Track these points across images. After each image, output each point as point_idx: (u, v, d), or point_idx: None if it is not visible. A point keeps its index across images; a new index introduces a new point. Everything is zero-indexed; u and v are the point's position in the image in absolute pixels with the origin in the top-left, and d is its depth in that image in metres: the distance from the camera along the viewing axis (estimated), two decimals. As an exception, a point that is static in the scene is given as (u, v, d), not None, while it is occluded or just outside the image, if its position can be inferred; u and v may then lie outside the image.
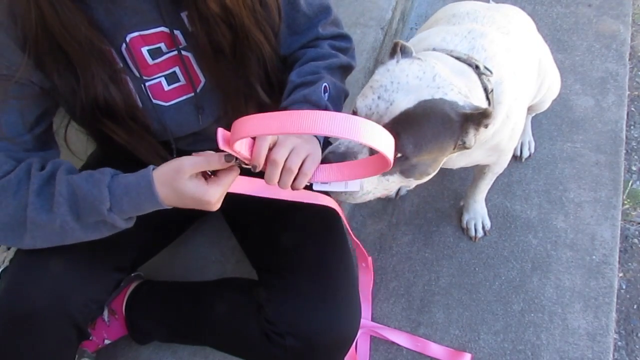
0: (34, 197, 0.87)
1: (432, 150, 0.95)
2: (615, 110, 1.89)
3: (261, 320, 1.05)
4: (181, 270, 1.44)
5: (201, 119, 1.07)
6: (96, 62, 0.92)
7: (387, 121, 0.92)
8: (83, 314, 1.02)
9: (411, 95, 0.92)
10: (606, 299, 1.47)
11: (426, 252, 1.59)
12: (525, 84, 1.23)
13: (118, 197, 0.86)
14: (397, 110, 0.92)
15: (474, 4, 1.33)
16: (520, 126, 1.23)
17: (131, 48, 0.96)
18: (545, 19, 2.22)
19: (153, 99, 1.01)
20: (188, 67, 1.02)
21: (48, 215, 0.87)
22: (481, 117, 0.93)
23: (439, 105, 0.92)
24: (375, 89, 0.95)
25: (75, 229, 0.88)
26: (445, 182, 1.73)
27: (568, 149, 1.80)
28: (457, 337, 1.43)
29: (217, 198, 0.86)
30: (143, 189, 0.85)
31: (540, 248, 1.58)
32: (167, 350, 1.31)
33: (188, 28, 0.98)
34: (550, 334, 1.42)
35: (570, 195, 1.69)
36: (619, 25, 2.18)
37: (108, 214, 0.86)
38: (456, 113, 0.93)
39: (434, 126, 0.92)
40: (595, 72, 2.01)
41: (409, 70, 0.95)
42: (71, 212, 0.87)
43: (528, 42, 1.32)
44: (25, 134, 0.94)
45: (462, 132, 0.95)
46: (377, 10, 1.93)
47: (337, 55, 1.13)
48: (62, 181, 0.88)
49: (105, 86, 0.94)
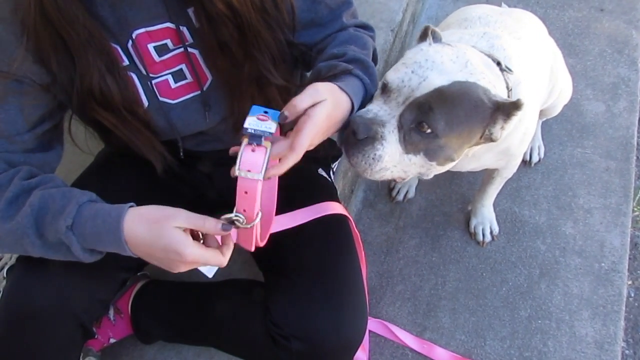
0: (5, 204, 0.86)
1: (461, 132, 0.92)
2: (627, 116, 1.88)
3: (267, 323, 1.04)
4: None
5: (208, 117, 1.06)
6: (93, 51, 0.91)
7: (419, 95, 0.90)
8: (88, 313, 1.02)
9: (445, 75, 0.90)
10: (614, 307, 1.46)
11: (433, 256, 1.58)
12: (537, 89, 1.22)
13: (84, 218, 0.83)
14: (431, 86, 0.90)
15: (486, 7, 1.32)
16: (532, 131, 1.22)
17: (137, 44, 0.96)
18: (557, 22, 2.20)
19: (160, 96, 1.01)
20: (195, 64, 1.01)
21: (10, 224, 0.85)
22: (512, 108, 0.91)
23: (472, 88, 0.91)
24: (409, 65, 0.93)
25: (36, 245, 0.85)
26: (453, 186, 1.72)
27: (578, 155, 1.78)
28: (463, 342, 1.42)
29: (190, 260, 0.81)
30: (111, 219, 0.82)
31: (548, 254, 1.57)
32: (171, 350, 1.31)
33: (195, 24, 0.98)
34: (557, 341, 1.41)
35: (579, 201, 1.67)
36: (632, 30, 2.16)
37: (66, 232, 0.82)
38: (489, 99, 0.91)
39: (467, 107, 0.90)
40: (606, 77, 2.00)
41: (442, 52, 0.94)
42: (35, 225, 0.84)
43: (540, 48, 1.31)
44: (26, 133, 0.93)
45: (492, 121, 0.93)
46: (387, 12, 1.92)
47: (369, 39, 1.10)
48: (38, 194, 0.86)
49: (101, 76, 0.92)
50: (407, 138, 0.92)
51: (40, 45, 0.88)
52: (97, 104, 0.95)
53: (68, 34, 0.88)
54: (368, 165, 0.92)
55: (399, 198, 1.69)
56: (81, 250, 0.84)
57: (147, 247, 0.82)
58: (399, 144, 0.92)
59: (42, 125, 0.96)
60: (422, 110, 0.89)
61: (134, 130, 1.00)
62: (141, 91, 0.99)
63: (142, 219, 0.82)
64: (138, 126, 1.00)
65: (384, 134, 0.91)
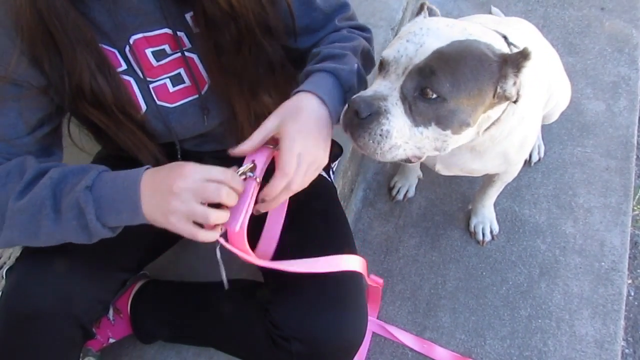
0: (24, 185, 0.86)
1: (471, 91, 0.86)
2: (627, 115, 1.87)
3: (267, 324, 1.04)
4: (186, 270, 1.44)
5: (207, 121, 1.06)
6: (82, 48, 0.90)
7: (418, 62, 0.85)
8: (88, 313, 1.02)
9: (442, 38, 0.86)
10: (615, 306, 1.46)
11: (433, 255, 1.58)
12: (538, 96, 1.22)
13: (104, 181, 0.84)
14: (428, 50, 0.85)
15: (485, 17, 1.31)
16: (532, 139, 1.21)
17: (135, 49, 0.96)
18: (557, 21, 2.20)
19: (158, 100, 1.01)
20: (192, 68, 1.01)
21: (29, 196, 0.84)
22: (521, 58, 0.86)
23: (474, 44, 0.86)
24: (403, 36, 0.90)
25: (50, 218, 0.84)
26: (453, 185, 1.72)
27: (578, 154, 1.78)
28: (463, 341, 1.41)
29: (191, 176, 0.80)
30: (131, 177, 0.83)
31: (548, 253, 1.56)
32: (171, 350, 1.31)
33: (192, 29, 0.98)
34: (557, 340, 1.41)
35: (579, 200, 1.67)
36: (632, 29, 2.16)
37: (84, 191, 0.82)
38: (493, 53, 0.87)
39: (471, 64, 0.85)
40: (606, 76, 1.99)
41: (438, 20, 0.91)
42: (53, 196, 0.84)
43: (540, 57, 1.30)
44: (25, 136, 0.93)
45: (501, 76, 0.88)
46: (387, 11, 1.92)
47: (359, 38, 1.09)
48: (58, 169, 0.87)
49: (91, 75, 0.92)
50: (413, 108, 0.86)
51: (33, 44, 0.88)
52: (88, 103, 0.95)
53: (56, 29, 0.87)
54: (377, 144, 0.86)
55: (399, 197, 1.69)
56: (95, 216, 0.83)
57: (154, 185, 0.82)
58: (406, 116, 0.87)
59: (41, 128, 0.96)
60: (424, 75, 0.85)
61: (126, 131, 1.00)
62: (139, 95, 0.99)
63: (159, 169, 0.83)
64: (131, 127, 1.00)
65: (387, 108, 0.86)
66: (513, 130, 1.10)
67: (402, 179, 1.69)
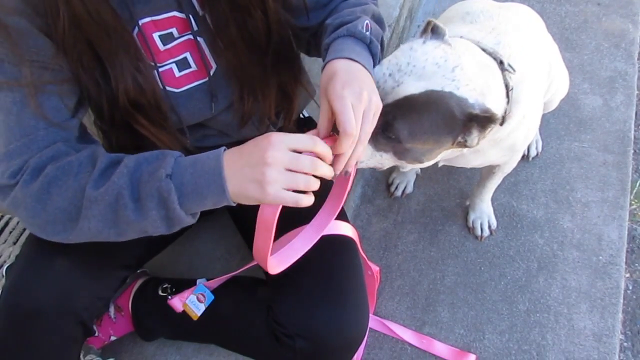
0: (98, 174, 0.83)
1: (427, 141, 0.94)
2: (624, 110, 1.88)
3: (269, 321, 1.05)
4: (186, 267, 1.44)
5: (214, 106, 1.06)
6: (123, 52, 0.90)
7: (389, 102, 0.92)
8: (89, 311, 1.02)
9: (422, 82, 0.91)
10: (612, 299, 1.47)
11: (431, 250, 1.59)
12: (539, 85, 1.22)
13: (182, 167, 0.81)
14: (402, 93, 0.91)
15: (486, 2, 1.32)
16: (536, 126, 1.22)
17: (144, 33, 0.95)
18: (554, 17, 2.21)
19: (165, 85, 1.01)
20: (201, 51, 1.01)
21: (106, 186, 0.81)
22: (487, 121, 0.91)
23: (445, 98, 0.91)
24: (391, 65, 0.94)
25: (129, 207, 0.81)
26: (451, 180, 1.73)
27: (575, 149, 1.79)
28: (462, 336, 1.42)
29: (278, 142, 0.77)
30: (210, 159, 0.80)
31: (546, 248, 1.57)
32: (172, 346, 1.31)
33: (199, 12, 0.97)
34: (555, 334, 1.41)
35: (577, 195, 1.68)
36: (628, 24, 2.16)
37: (165, 179, 0.79)
38: (461, 111, 0.91)
39: (433, 118, 0.92)
40: (603, 72, 2.00)
41: (431, 54, 0.93)
42: (131, 185, 0.81)
43: (540, 42, 1.31)
44: (70, 119, 0.90)
45: (465, 130, 0.93)
46: (384, 7, 1.92)
47: (368, 2, 1.09)
48: (133, 157, 0.84)
49: (133, 77, 0.91)
50: (376, 138, 0.95)
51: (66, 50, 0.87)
52: (132, 107, 0.94)
53: (99, 38, 0.87)
54: None
55: (397, 193, 1.70)
56: (178, 205, 0.80)
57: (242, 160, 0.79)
58: (370, 141, 0.94)
59: (79, 113, 0.93)
60: (387, 118, 0.92)
61: (159, 126, 0.99)
62: None
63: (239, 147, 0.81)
64: (162, 122, 0.99)
65: None
66: (517, 128, 1.10)
67: (400, 175, 1.69)
